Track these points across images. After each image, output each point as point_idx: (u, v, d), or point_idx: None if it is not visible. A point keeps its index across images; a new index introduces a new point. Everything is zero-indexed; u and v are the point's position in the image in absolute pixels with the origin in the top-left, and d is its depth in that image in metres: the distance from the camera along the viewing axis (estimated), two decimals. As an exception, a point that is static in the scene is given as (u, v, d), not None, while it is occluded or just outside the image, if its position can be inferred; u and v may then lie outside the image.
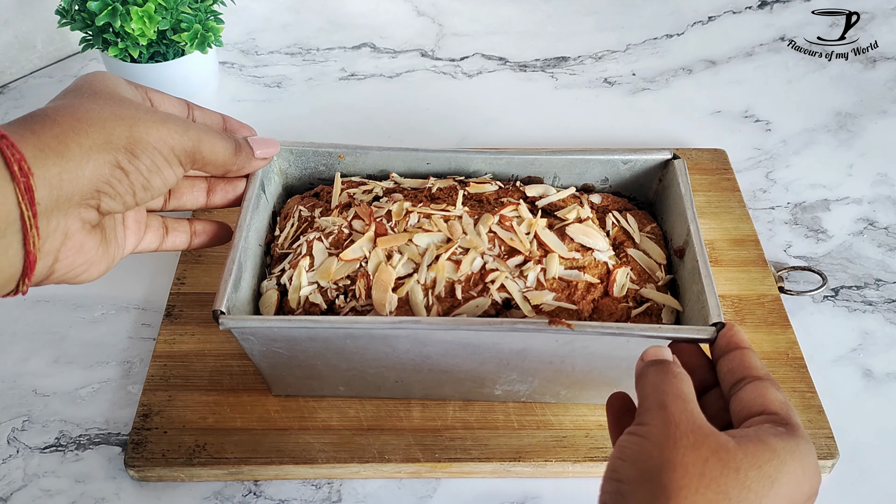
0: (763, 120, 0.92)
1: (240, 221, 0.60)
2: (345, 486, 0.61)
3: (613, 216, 0.65)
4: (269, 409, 0.63)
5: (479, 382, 0.61)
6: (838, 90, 0.96)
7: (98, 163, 0.46)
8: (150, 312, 0.72)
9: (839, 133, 0.91)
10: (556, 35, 1.05)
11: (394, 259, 0.60)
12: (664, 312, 0.60)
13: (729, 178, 0.82)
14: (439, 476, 0.61)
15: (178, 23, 0.84)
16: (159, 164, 0.50)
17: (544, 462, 0.60)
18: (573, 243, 0.61)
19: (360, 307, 0.59)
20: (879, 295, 0.74)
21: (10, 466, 0.62)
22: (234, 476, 0.60)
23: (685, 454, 0.40)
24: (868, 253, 0.78)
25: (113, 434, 0.64)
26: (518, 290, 0.59)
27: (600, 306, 0.60)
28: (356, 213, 0.63)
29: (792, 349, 0.67)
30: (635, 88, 0.97)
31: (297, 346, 0.57)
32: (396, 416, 0.62)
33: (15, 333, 0.70)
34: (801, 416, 0.62)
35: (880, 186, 0.84)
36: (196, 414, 0.62)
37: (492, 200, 0.65)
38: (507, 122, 0.92)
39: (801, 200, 0.83)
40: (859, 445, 0.63)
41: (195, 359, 0.66)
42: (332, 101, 0.95)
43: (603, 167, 0.67)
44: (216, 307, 0.55)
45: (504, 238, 0.61)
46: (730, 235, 0.76)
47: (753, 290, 0.71)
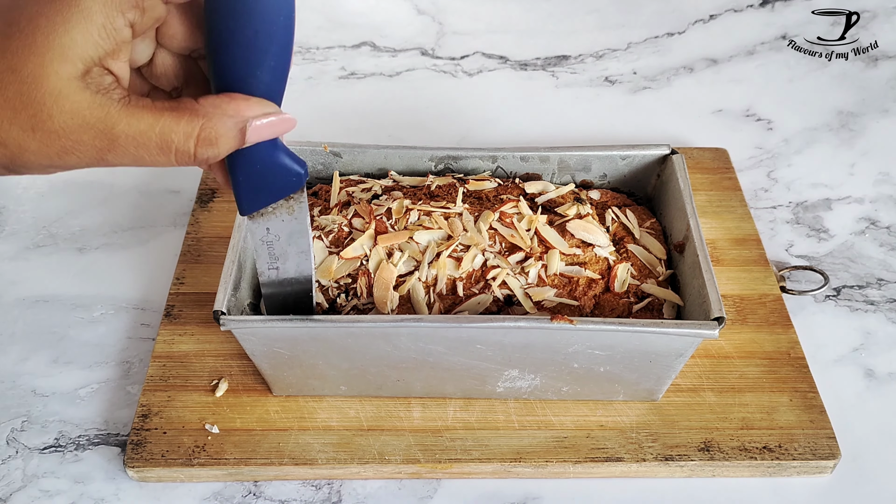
0: (764, 119, 0.92)
1: (238, 221, 0.60)
2: (345, 487, 0.60)
3: (613, 212, 0.65)
4: (269, 409, 0.63)
5: (480, 380, 0.60)
6: (840, 89, 0.96)
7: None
8: (150, 312, 0.72)
9: (841, 132, 0.90)
10: (557, 33, 1.04)
11: (394, 257, 0.59)
12: (665, 307, 0.60)
13: (730, 178, 0.82)
14: (440, 477, 0.61)
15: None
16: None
17: (545, 462, 0.60)
18: (574, 239, 0.61)
19: (362, 306, 0.59)
20: (881, 294, 0.73)
21: (9, 467, 0.61)
22: (234, 477, 0.60)
23: None
24: (870, 252, 0.77)
25: (112, 434, 0.63)
26: (519, 287, 0.59)
27: (602, 302, 0.60)
28: (356, 212, 0.63)
29: (793, 349, 0.67)
30: (636, 87, 0.97)
31: (299, 346, 0.57)
32: (397, 417, 0.62)
33: (14, 333, 0.70)
34: (802, 416, 0.62)
35: (882, 186, 0.84)
36: (196, 414, 0.62)
37: (491, 197, 0.65)
38: (508, 121, 0.92)
39: (802, 200, 0.83)
40: (861, 445, 0.62)
41: (195, 359, 0.66)
42: (331, 99, 0.95)
43: (601, 163, 0.67)
44: (217, 308, 0.54)
45: (505, 235, 0.61)
46: (731, 235, 0.76)
47: (755, 289, 0.71)
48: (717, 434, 0.61)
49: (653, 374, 0.59)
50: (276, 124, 0.42)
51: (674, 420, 0.62)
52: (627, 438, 0.61)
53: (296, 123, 0.43)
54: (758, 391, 0.64)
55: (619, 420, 0.62)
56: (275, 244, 0.52)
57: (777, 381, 0.64)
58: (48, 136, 0.38)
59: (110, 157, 0.39)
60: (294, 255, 0.53)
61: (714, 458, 0.60)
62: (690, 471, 0.60)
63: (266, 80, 0.41)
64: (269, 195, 0.48)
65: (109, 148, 0.39)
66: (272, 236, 0.52)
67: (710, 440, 0.61)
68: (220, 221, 0.76)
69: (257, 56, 0.40)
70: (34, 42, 0.36)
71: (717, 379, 0.64)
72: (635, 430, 0.61)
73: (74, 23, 0.36)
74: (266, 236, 0.52)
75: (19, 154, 0.38)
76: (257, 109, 0.41)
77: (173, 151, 0.40)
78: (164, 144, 0.39)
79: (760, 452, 0.60)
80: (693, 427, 0.61)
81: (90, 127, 0.38)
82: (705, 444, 0.60)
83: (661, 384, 0.61)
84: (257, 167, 0.45)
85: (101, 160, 0.39)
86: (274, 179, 0.47)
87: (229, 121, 0.40)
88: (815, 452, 0.60)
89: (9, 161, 0.39)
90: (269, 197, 0.48)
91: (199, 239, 0.75)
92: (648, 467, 0.60)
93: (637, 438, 0.61)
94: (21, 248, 0.77)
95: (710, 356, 0.66)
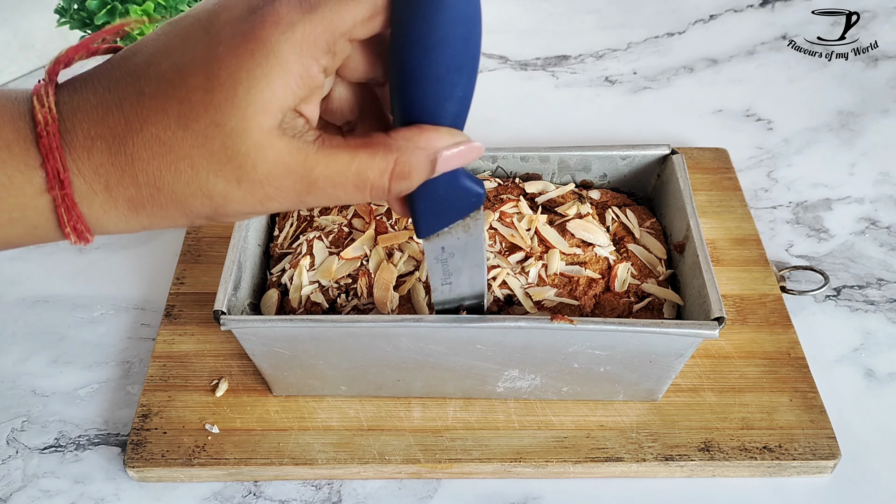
0: (765, 119, 0.92)
1: (238, 221, 0.60)
2: (345, 487, 0.60)
3: (613, 212, 0.65)
4: (269, 409, 0.63)
5: (480, 380, 0.60)
6: (840, 89, 0.96)
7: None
8: (150, 312, 0.72)
9: (841, 132, 0.90)
10: (557, 33, 1.05)
11: (395, 257, 0.59)
12: (665, 307, 0.60)
13: (730, 178, 0.82)
14: (440, 477, 0.61)
15: (178, 22, 0.84)
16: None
17: (545, 463, 0.60)
18: (574, 239, 0.61)
19: (362, 306, 0.59)
20: (881, 294, 0.73)
21: (9, 467, 0.61)
22: (234, 477, 0.60)
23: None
24: (870, 252, 0.77)
25: (112, 434, 0.63)
26: (520, 287, 0.59)
27: (602, 302, 0.60)
28: (356, 212, 0.63)
29: (794, 349, 0.67)
30: (636, 87, 0.97)
31: (299, 346, 0.57)
32: (397, 417, 0.62)
33: (14, 333, 0.70)
34: (802, 416, 0.62)
35: (882, 185, 0.84)
36: (196, 414, 0.62)
37: (491, 197, 0.65)
38: (508, 121, 0.92)
39: (802, 200, 0.83)
40: (861, 445, 0.62)
41: (195, 359, 0.66)
42: (332, 100, 0.95)
43: (601, 163, 0.67)
44: (217, 307, 0.54)
45: (505, 234, 0.61)
46: (731, 235, 0.76)
47: (755, 289, 0.71)
48: (717, 434, 0.61)
49: (653, 374, 0.59)
50: (465, 153, 0.41)
51: (674, 420, 0.62)
52: (627, 438, 0.61)
53: (483, 150, 0.42)
54: (758, 391, 0.64)
55: (619, 420, 0.62)
56: (449, 261, 0.52)
57: (777, 381, 0.64)
58: (252, 186, 0.38)
59: (308, 199, 0.39)
60: (468, 269, 0.53)
61: (714, 458, 0.60)
62: (690, 471, 0.60)
63: (454, 110, 0.40)
64: (448, 217, 0.48)
65: (308, 191, 0.38)
66: (447, 254, 0.51)
67: (710, 440, 0.61)
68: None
69: (448, 89, 0.39)
70: (235, 96, 0.36)
71: (717, 379, 0.64)
72: (635, 430, 0.61)
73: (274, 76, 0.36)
74: (441, 255, 0.51)
75: (223, 205, 0.38)
76: (447, 140, 0.40)
77: (368, 188, 0.39)
78: (360, 182, 0.39)
79: (760, 452, 0.60)
80: (693, 427, 0.61)
81: (291, 173, 0.38)
82: (705, 444, 0.60)
83: (662, 384, 0.61)
84: (439, 193, 0.44)
85: (299, 202, 0.39)
86: (454, 202, 0.46)
87: (421, 153, 0.39)
88: (815, 452, 0.60)
89: (212, 212, 0.39)
90: (448, 219, 0.48)
91: (199, 239, 0.75)
92: (648, 467, 0.60)
93: (637, 438, 0.61)
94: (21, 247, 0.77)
95: (710, 356, 0.66)
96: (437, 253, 0.51)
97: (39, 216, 0.38)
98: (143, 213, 0.39)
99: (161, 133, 0.36)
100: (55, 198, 0.37)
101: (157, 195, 0.38)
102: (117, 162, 0.37)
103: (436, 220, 0.47)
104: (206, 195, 0.38)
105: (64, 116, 0.37)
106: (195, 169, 0.37)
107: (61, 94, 0.37)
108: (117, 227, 0.39)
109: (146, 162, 0.37)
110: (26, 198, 0.37)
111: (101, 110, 0.37)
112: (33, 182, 0.36)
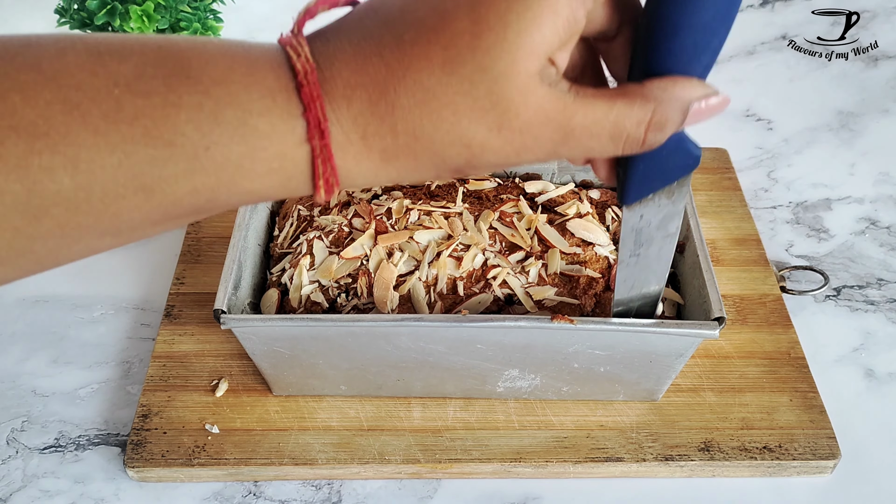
0: (764, 119, 0.92)
1: (238, 221, 0.60)
2: (345, 487, 0.60)
3: (613, 211, 0.65)
4: (269, 409, 0.63)
5: (481, 380, 0.60)
6: (840, 89, 0.96)
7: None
8: (150, 312, 0.72)
9: (841, 132, 0.90)
10: (557, 34, 1.04)
11: (395, 256, 0.59)
12: (666, 306, 0.60)
13: (730, 178, 0.82)
14: (440, 477, 0.61)
15: (178, 21, 0.84)
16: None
17: (545, 463, 0.60)
18: (574, 238, 0.61)
19: (362, 305, 0.59)
20: (881, 294, 0.73)
21: (9, 467, 0.61)
22: (234, 477, 0.60)
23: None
24: (870, 252, 0.77)
25: (112, 434, 0.63)
26: (520, 286, 0.59)
27: (602, 301, 0.60)
28: (356, 211, 0.63)
29: (794, 349, 0.67)
30: (636, 87, 0.97)
31: (299, 345, 0.57)
32: (397, 417, 0.62)
33: (14, 333, 0.70)
34: (802, 416, 0.62)
35: (882, 185, 0.84)
36: (196, 414, 0.62)
37: (491, 197, 0.65)
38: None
39: (802, 200, 0.83)
40: (861, 445, 0.62)
41: (195, 359, 0.66)
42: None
43: (603, 165, 0.67)
44: (217, 307, 0.54)
45: (505, 234, 0.61)
46: (731, 235, 0.76)
47: (755, 289, 0.71)
48: (718, 434, 0.61)
49: (653, 374, 0.59)
50: (715, 106, 0.39)
51: (674, 420, 0.62)
52: (627, 438, 0.61)
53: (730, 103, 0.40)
54: (758, 391, 0.64)
55: (619, 420, 0.62)
56: (644, 230, 0.49)
57: (777, 381, 0.64)
58: (512, 134, 0.36)
59: (562, 150, 0.38)
60: (659, 238, 0.50)
61: (714, 458, 0.60)
62: (690, 471, 0.60)
63: (706, 61, 0.39)
64: (660, 181, 0.45)
65: (564, 141, 0.37)
66: (644, 223, 0.49)
67: (710, 440, 0.61)
68: (220, 221, 0.76)
69: (707, 39, 0.38)
70: (505, 39, 0.34)
71: (717, 379, 0.64)
72: (635, 430, 0.61)
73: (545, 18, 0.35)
74: (638, 223, 0.49)
75: (479, 154, 0.37)
76: (700, 91, 0.39)
77: (623, 139, 0.38)
78: (616, 133, 0.37)
79: (760, 452, 0.60)
80: (693, 427, 0.61)
81: (551, 121, 0.36)
82: (705, 444, 0.60)
83: (662, 384, 0.61)
84: (662, 153, 0.42)
85: (552, 154, 0.38)
86: (671, 164, 0.44)
87: (677, 104, 0.38)
88: (816, 452, 0.60)
89: (465, 163, 0.37)
90: (658, 183, 0.45)
91: (199, 239, 0.75)
92: (648, 467, 0.60)
93: (637, 438, 0.61)
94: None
95: (710, 356, 0.66)
96: (635, 222, 0.48)
97: (296, 167, 0.36)
98: (394, 164, 0.37)
99: (425, 80, 0.35)
100: (314, 148, 0.35)
101: (414, 144, 0.36)
102: (377, 111, 0.35)
103: (647, 184, 0.45)
104: (465, 144, 0.36)
105: (322, 66, 0.35)
106: (457, 116, 0.35)
107: (314, 45, 0.36)
108: (365, 180, 0.38)
109: (407, 110, 0.35)
110: (286, 147, 0.35)
111: (360, 59, 0.35)
112: (295, 131, 0.35)
